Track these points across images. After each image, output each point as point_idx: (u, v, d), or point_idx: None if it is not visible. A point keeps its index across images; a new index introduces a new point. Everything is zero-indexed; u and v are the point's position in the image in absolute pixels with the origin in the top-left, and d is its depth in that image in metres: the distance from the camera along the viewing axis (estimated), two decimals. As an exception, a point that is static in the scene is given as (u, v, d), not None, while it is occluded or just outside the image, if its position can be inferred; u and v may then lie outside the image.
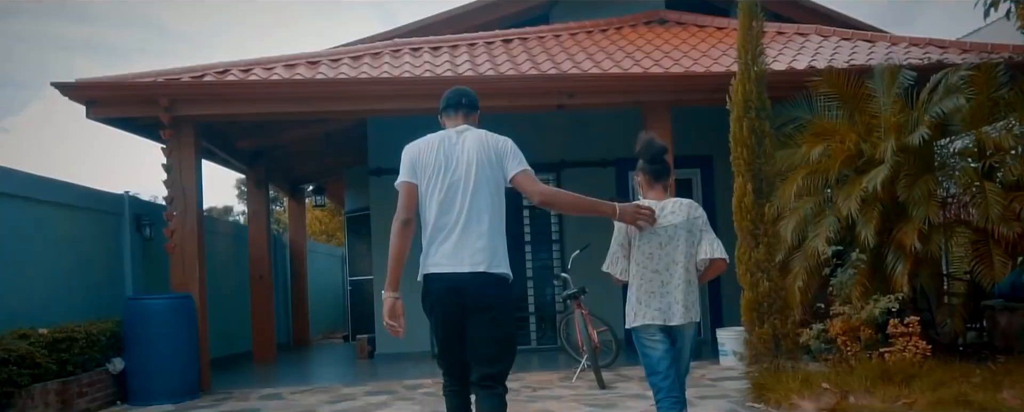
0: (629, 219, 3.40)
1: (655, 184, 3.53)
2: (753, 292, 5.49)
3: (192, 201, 7.26)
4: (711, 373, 6.91)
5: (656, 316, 3.38)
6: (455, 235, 3.28)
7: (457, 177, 3.31)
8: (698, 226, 3.47)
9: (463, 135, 3.39)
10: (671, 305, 3.37)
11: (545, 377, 7.14)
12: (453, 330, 3.32)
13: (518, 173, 3.33)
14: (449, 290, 3.27)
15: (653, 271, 3.40)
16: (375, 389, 6.88)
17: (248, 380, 7.92)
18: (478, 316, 3.27)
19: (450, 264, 3.28)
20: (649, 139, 3.55)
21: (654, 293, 3.39)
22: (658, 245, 3.41)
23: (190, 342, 6.90)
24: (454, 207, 3.30)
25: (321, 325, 14.66)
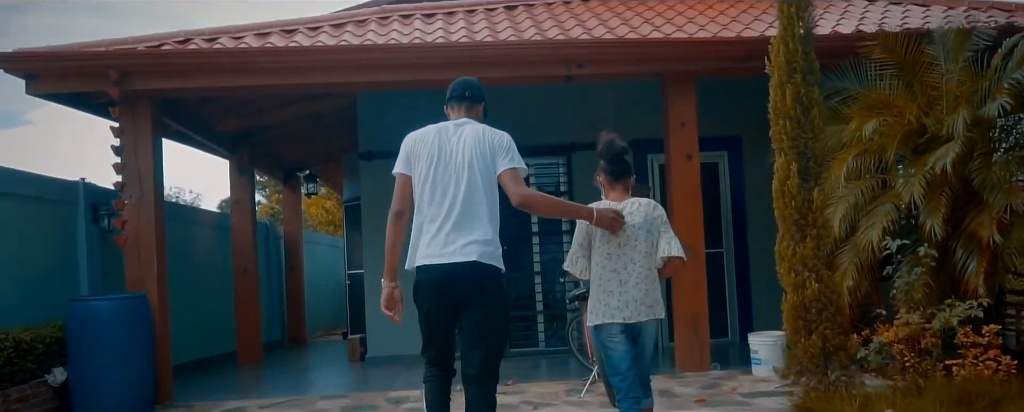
0: (606, 224, 3.44)
1: (615, 184, 3.60)
2: (798, 295, 4.51)
3: (149, 187, 6.38)
4: (743, 386, 5.94)
5: (615, 314, 3.43)
6: (447, 227, 3.30)
7: (451, 169, 3.32)
8: (657, 226, 3.54)
9: (462, 128, 3.41)
10: (629, 303, 3.43)
11: (550, 388, 6.20)
12: (442, 321, 3.34)
13: (505, 170, 3.33)
14: (441, 281, 3.28)
15: (612, 270, 3.46)
16: (354, 403, 5.98)
17: (217, 389, 7.05)
18: (470, 308, 3.30)
19: (442, 255, 3.29)
20: (610, 139, 3.61)
21: (613, 292, 3.45)
22: (617, 245, 3.47)
23: (144, 348, 6.03)
24: (447, 199, 3.31)
25: (323, 321, 13.82)
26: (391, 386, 6.72)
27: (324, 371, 8.25)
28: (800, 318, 4.53)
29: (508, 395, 6.03)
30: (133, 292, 6.24)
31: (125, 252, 6.37)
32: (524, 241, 8.63)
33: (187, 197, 26.10)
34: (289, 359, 9.63)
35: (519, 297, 8.66)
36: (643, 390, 3.52)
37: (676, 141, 6.79)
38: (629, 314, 3.42)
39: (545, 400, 5.77)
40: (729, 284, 8.80)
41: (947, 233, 5.23)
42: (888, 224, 5.40)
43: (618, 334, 3.44)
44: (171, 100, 7.07)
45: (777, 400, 5.31)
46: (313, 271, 13.48)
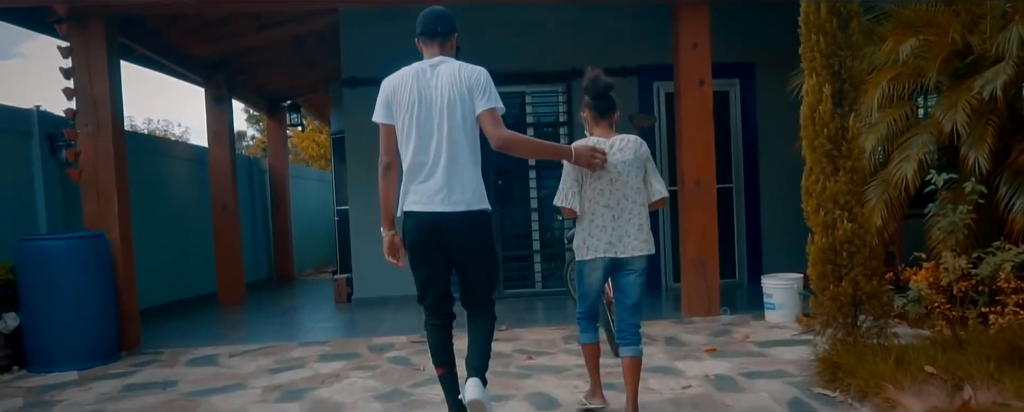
0: (584, 162, 3.45)
1: (601, 121, 3.59)
2: (828, 236, 3.97)
3: (106, 115, 5.78)
4: (756, 333, 5.46)
5: (607, 249, 3.47)
6: (432, 174, 3.29)
7: (432, 114, 3.30)
8: (643, 161, 3.57)
9: (437, 69, 3.36)
10: (622, 238, 3.47)
11: (547, 335, 5.73)
12: (435, 266, 3.36)
13: (484, 111, 3.31)
14: (430, 228, 3.29)
15: (605, 206, 3.48)
16: (334, 350, 5.52)
17: (192, 333, 6.59)
18: (462, 253, 3.36)
19: (430, 203, 3.29)
20: (595, 75, 3.57)
21: (606, 227, 3.48)
22: (609, 181, 3.50)
23: (104, 292, 5.54)
24: (430, 145, 3.30)
25: (313, 258, 13.36)
26: (375, 331, 6.25)
27: (307, 313, 7.79)
28: (829, 262, 4.00)
29: (501, 342, 5.55)
30: (91, 231, 5.71)
31: (82, 187, 5.81)
32: (520, 176, 8.08)
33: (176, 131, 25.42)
34: (273, 300, 9.18)
35: (514, 236, 8.15)
36: (632, 337, 3.52)
37: (686, 65, 6.16)
38: (622, 249, 3.47)
39: (541, 348, 5.29)
40: (738, 222, 8.28)
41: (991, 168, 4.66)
42: (924, 157, 4.84)
43: (600, 269, 3.51)
44: (131, 18, 6.42)
45: (795, 350, 4.83)
46: (302, 207, 12.96)
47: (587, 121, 3.64)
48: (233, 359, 5.40)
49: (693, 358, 4.78)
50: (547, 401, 3.97)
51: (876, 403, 3.52)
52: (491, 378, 4.43)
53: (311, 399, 4.22)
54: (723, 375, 4.32)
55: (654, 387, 4.15)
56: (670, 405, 3.80)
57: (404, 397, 4.18)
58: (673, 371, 4.48)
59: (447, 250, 3.33)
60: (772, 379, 4.19)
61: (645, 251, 3.51)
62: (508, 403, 3.97)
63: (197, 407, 4.18)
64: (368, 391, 4.33)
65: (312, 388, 4.46)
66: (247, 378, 4.79)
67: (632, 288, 3.52)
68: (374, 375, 4.71)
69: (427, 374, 4.61)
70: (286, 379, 4.72)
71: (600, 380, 3.75)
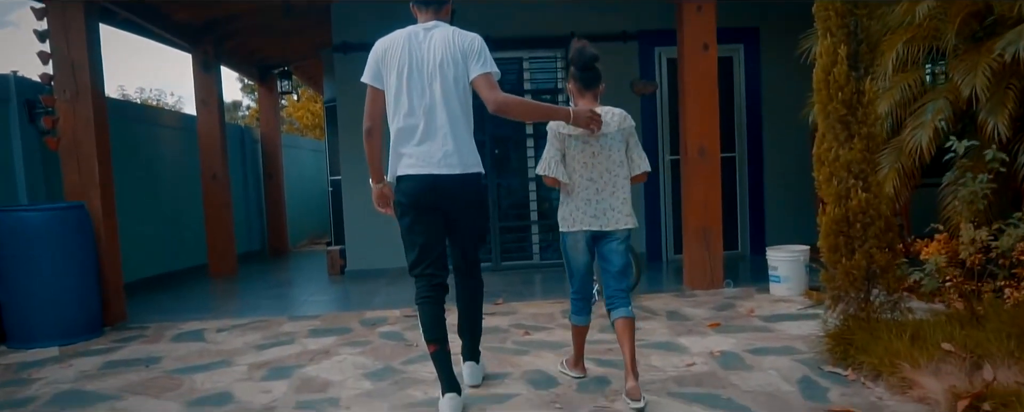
0: (584, 123, 3.41)
1: (586, 92, 3.54)
2: (841, 207, 3.76)
3: (85, 80, 5.53)
4: (761, 307, 5.28)
5: (591, 222, 3.46)
6: (427, 136, 3.27)
7: (424, 77, 3.28)
8: (627, 136, 3.54)
9: (431, 33, 3.33)
10: (606, 211, 3.46)
11: (544, 309, 5.55)
12: (432, 230, 3.34)
13: (479, 75, 3.28)
14: (424, 191, 3.27)
15: (588, 179, 3.47)
16: (325, 325, 5.34)
17: (180, 307, 6.41)
18: (456, 216, 3.37)
19: (427, 165, 3.26)
20: (580, 47, 3.52)
21: (590, 200, 3.47)
22: (592, 154, 3.48)
23: (85, 264, 5.34)
24: (422, 107, 3.27)
25: (307, 230, 13.17)
26: (369, 304, 6.07)
27: (300, 286, 7.61)
28: (841, 234, 3.79)
29: (497, 316, 5.39)
30: (71, 201, 5.50)
31: (61, 156, 5.59)
32: (518, 145, 7.85)
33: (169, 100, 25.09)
34: (266, 272, 8.99)
35: (511, 206, 7.94)
36: (623, 300, 3.47)
37: (690, 27, 5.90)
38: (605, 222, 3.46)
39: (538, 323, 5.11)
40: (741, 193, 8.07)
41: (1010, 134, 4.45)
42: (940, 123, 4.62)
43: (582, 243, 3.49)
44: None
45: (803, 325, 4.66)
46: (296, 177, 12.74)
47: (572, 92, 3.59)
48: (220, 334, 5.22)
49: (696, 333, 4.61)
50: (545, 379, 3.79)
51: (891, 383, 3.34)
52: (487, 354, 4.28)
53: (299, 377, 4.04)
54: (728, 351, 4.14)
55: (656, 364, 3.97)
56: (674, 384, 3.62)
57: (395, 375, 4.00)
58: (676, 347, 4.30)
59: (440, 213, 3.33)
60: (780, 356, 4.01)
61: (628, 225, 3.49)
62: (504, 381, 3.79)
63: (179, 385, 4.00)
64: (359, 368, 4.16)
65: (300, 365, 4.28)
66: (233, 354, 4.62)
67: (616, 254, 3.49)
68: (365, 351, 4.54)
69: (419, 350, 4.43)
70: (274, 355, 4.54)
71: (584, 353, 3.79)
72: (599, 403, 3.39)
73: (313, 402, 3.59)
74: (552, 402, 3.44)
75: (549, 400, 3.47)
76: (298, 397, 3.69)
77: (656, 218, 7.94)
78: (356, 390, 3.76)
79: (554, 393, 3.57)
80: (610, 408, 3.31)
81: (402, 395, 3.64)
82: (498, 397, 3.54)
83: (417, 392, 3.67)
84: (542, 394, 3.56)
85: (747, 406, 3.26)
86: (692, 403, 3.33)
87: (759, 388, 3.50)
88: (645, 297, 5.82)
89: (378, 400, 3.58)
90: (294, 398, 3.68)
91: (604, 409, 3.30)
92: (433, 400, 3.49)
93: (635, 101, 7.76)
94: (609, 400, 3.42)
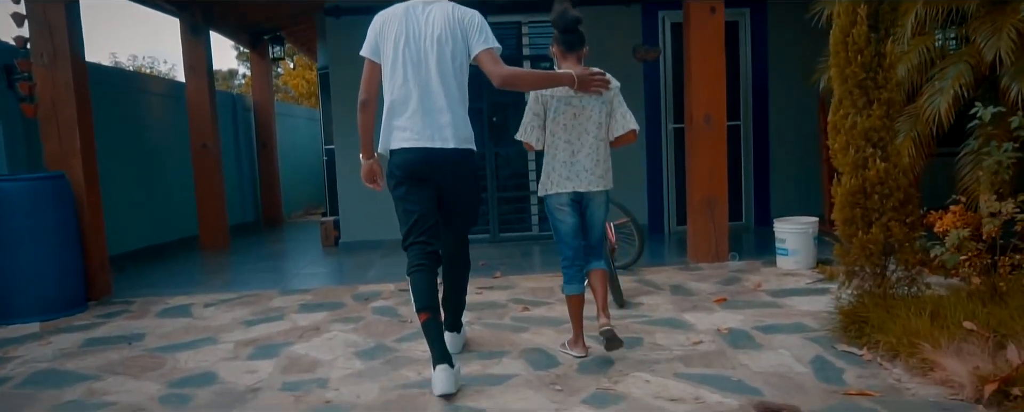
0: (588, 86, 3.39)
1: (569, 55, 3.51)
2: (857, 177, 3.55)
3: (64, 44, 5.29)
4: (768, 281, 5.09)
5: (566, 185, 3.46)
6: (420, 109, 3.26)
7: (421, 51, 3.26)
8: (610, 98, 3.51)
9: (430, 7, 3.32)
10: (580, 173, 3.45)
11: (543, 282, 5.36)
12: (426, 202, 3.31)
13: (482, 51, 3.28)
14: (418, 165, 3.25)
15: (566, 141, 3.46)
16: (316, 300, 5.16)
17: (166, 281, 6.22)
18: (448, 191, 3.35)
19: (418, 139, 3.25)
20: (563, 9, 3.47)
21: (566, 162, 3.46)
22: (572, 115, 3.46)
23: (66, 237, 5.14)
24: (418, 80, 3.26)
25: (302, 200, 12.95)
26: (362, 278, 5.89)
27: (292, 259, 7.42)
28: (857, 206, 3.59)
29: (495, 290, 5.21)
30: (50, 171, 5.28)
31: (40, 124, 5.36)
32: (516, 112, 7.57)
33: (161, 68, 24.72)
34: (258, 244, 8.80)
35: (510, 176, 7.72)
36: (594, 255, 3.55)
37: (698, -10, 5.65)
38: (578, 184, 3.44)
39: (537, 298, 4.93)
40: (746, 162, 7.85)
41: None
42: (959, 89, 4.39)
43: (566, 205, 3.47)
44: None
45: (813, 301, 4.47)
46: (290, 146, 12.49)
47: (556, 56, 3.55)
48: (208, 309, 5.03)
49: (702, 309, 4.42)
50: (544, 358, 3.61)
51: (911, 364, 3.15)
52: (485, 331, 4.11)
53: (286, 355, 3.86)
54: (736, 329, 3.96)
55: (661, 342, 3.79)
56: (680, 363, 3.44)
57: (388, 353, 3.82)
58: (681, 324, 4.12)
59: (433, 187, 3.31)
60: (790, 334, 3.82)
61: (601, 186, 3.47)
62: (502, 360, 3.61)
63: (161, 364, 3.82)
64: (349, 346, 3.97)
65: (289, 343, 4.09)
66: (220, 331, 4.43)
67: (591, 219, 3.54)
68: (357, 328, 4.35)
69: (413, 327, 4.25)
70: (262, 332, 4.36)
71: (583, 330, 3.57)
72: (602, 384, 3.21)
73: (300, 383, 3.41)
74: (552, 383, 3.26)
75: (549, 381, 3.28)
76: (285, 377, 3.51)
77: (658, 189, 7.73)
78: (346, 370, 3.58)
79: (554, 374, 3.39)
80: (613, 390, 3.13)
81: (394, 375, 3.46)
82: (495, 378, 3.36)
83: (410, 372, 3.49)
84: (541, 375, 3.38)
85: (758, 388, 3.08)
86: (700, 384, 3.15)
87: (770, 368, 3.32)
88: (648, 271, 5.63)
89: (368, 381, 3.40)
90: (280, 378, 3.49)
91: (607, 391, 3.12)
92: (426, 381, 3.31)
93: (637, 67, 7.51)
94: (612, 381, 3.24)
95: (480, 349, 3.80)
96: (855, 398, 2.93)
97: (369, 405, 3.09)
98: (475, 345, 3.88)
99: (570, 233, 3.49)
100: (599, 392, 3.12)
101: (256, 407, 3.14)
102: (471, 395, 3.14)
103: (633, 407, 2.93)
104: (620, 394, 3.08)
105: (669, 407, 2.92)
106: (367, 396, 3.20)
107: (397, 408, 3.04)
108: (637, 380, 3.24)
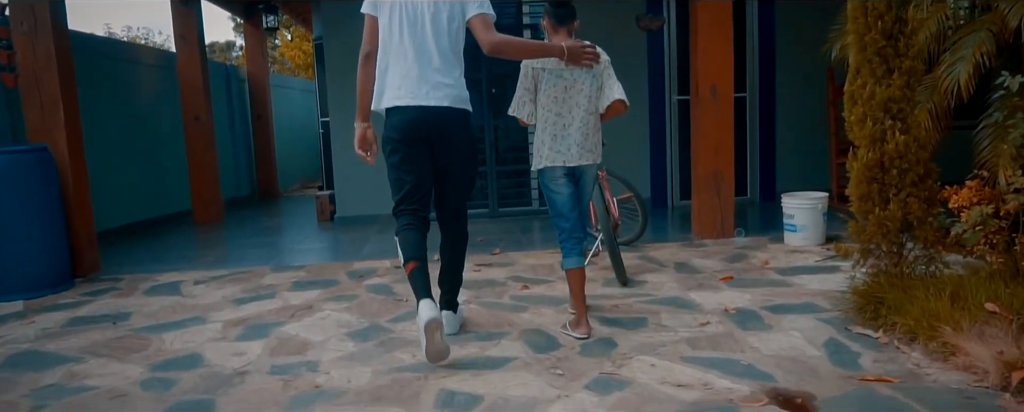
0: (578, 59, 3.38)
1: (559, 28, 3.52)
2: (875, 150, 3.37)
3: (44, 11, 5.08)
4: (776, 259, 4.94)
5: (557, 158, 3.45)
6: (416, 69, 3.22)
7: (418, 11, 3.24)
8: (601, 71, 3.50)
9: None
10: (570, 147, 3.44)
11: (543, 259, 5.21)
12: (422, 165, 3.27)
13: (474, 15, 3.27)
14: (414, 124, 3.22)
15: (556, 114, 3.45)
16: (309, 277, 5.00)
17: (157, 257, 6.06)
18: (443, 151, 3.29)
19: (413, 98, 3.21)
20: None
21: (557, 136, 3.46)
22: (563, 89, 3.45)
23: (50, 212, 4.96)
24: (414, 40, 3.23)
25: (298, 173, 12.76)
26: (357, 254, 5.73)
27: (287, 234, 7.25)
28: (875, 181, 3.41)
29: (494, 267, 5.05)
30: (33, 144, 5.10)
31: (21, 94, 5.17)
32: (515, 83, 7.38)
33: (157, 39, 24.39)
34: (253, 218, 8.63)
35: (509, 149, 7.53)
36: (584, 232, 3.56)
37: (705, -45, 5.41)
38: (569, 158, 3.44)
39: (538, 275, 4.78)
40: (751, 135, 7.66)
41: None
42: (981, 57, 4.19)
43: (561, 177, 3.47)
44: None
45: (823, 279, 4.32)
46: (286, 119, 12.28)
47: (546, 29, 3.56)
48: (198, 287, 4.88)
49: (709, 288, 4.27)
50: (544, 340, 3.46)
51: (930, 348, 2.99)
52: (483, 311, 3.96)
53: (276, 336, 3.71)
54: (745, 309, 3.80)
55: (667, 323, 3.63)
56: (687, 346, 3.29)
57: (382, 334, 3.67)
58: (687, 304, 3.96)
59: (428, 147, 3.26)
60: (801, 314, 3.67)
61: (590, 160, 3.48)
62: (500, 342, 3.46)
63: (146, 345, 3.67)
64: (342, 326, 3.82)
65: (279, 323, 3.94)
66: (209, 310, 4.28)
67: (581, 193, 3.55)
68: (350, 307, 4.20)
69: (409, 306, 4.10)
70: (252, 311, 4.21)
71: (585, 309, 3.51)
72: (605, 368, 3.06)
73: (289, 366, 3.26)
74: (553, 367, 3.10)
75: (549, 365, 3.13)
76: (273, 360, 3.36)
77: (661, 162, 7.55)
78: (338, 352, 3.43)
79: (555, 357, 3.24)
80: (617, 375, 2.98)
81: (388, 358, 3.31)
82: (494, 361, 3.21)
83: (404, 355, 3.34)
84: (542, 357, 3.22)
85: (770, 373, 2.93)
86: (708, 369, 3.00)
87: (782, 352, 3.17)
88: (652, 247, 5.47)
89: (360, 364, 3.25)
90: (269, 361, 3.34)
91: (611, 376, 2.97)
92: (420, 364, 3.17)
93: (641, 37, 7.28)
94: (616, 365, 3.09)
95: (478, 330, 3.65)
96: (873, 384, 2.77)
97: (360, 390, 2.94)
98: (472, 325, 3.72)
99: (567, 205, 3.47)
100: (602, 377, 2.96)
101: (242, 393, 2.99)
102: (468, 379, 2.99)
103: (638, 394, 2.78)
104: (624, 379, 2.93)
105: (676, 394, 2.76)
106: (358, 380, 3.05)
107: (389, 394, 2.89)
108: (642, 364, 3.09)
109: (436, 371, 3.09)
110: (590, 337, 3.43)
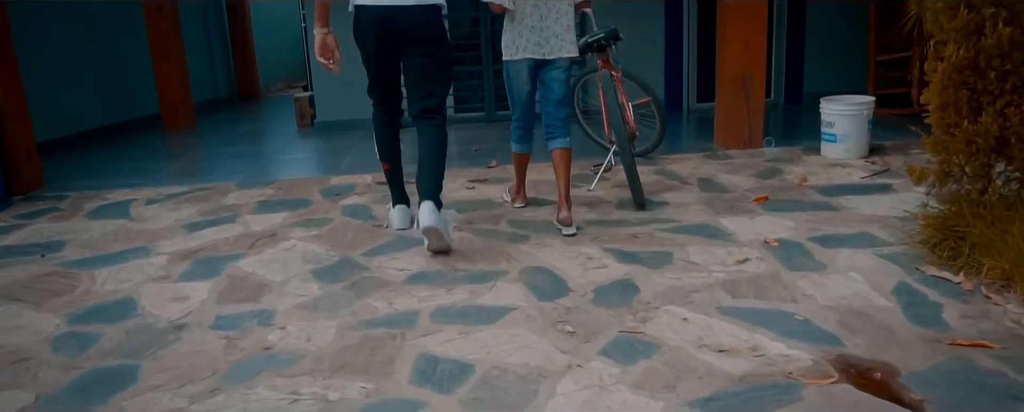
0: None
1: None
2: (967, 47, 2.65)
3: None
4: (815, 174, 4.29)
5: (535, 50, 3.40)
6: None
7: None
8: None
9: None
10: (549, 39, 3.40)
11: (545, 174, 4.54)
12: (386, 61, 3.26)
13: None
14: (382, 21, 3.15)
15: (534, 5, 3.37)
16: (278, 195, 4.38)
17: (111, 170, 5.41)
18: (413, 48, 3.22)
19: None
20: None
21: (534, 27, 3.38)
22: None
23: (-25, 122, 4.29)
24: None
25: (282, 72, 11.95)
26: (335, 168, 5.09)
27: (261, 141, 6.57)
28: (964, 86, 2.72)
29: (489, 184, 4.43)
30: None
31: (-69, -19, 4.39)
32: None
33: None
34: (229, 122, 7.92)
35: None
36: (561, 130, 3.51)
37: None
38: (549, 50, 3.40)
39: (539, 194, 4.14)
40: (777, 31, 6.86)
41: None
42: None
43: (525, 70, 3.43)
44: None
45: (876, 202, 3.68)
46: (267, 14, 11.36)
47: None
48: (149, 207, 4.26)
49: (741, 212, 3.64)
50: (550, 283, 2.85)
51: (1037, 301, 2.40)
52: (476, 240, 3.35)
53: (228, 275, 3.11)
54: (788, 241, 3.18)
55: (697, 260, 3.02)
56: (724, 292, 2.68)
57: (354, 272, 3.06)
58: (719, 233, 3.34)
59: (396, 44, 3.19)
60: (858, 249, 3.05)
61: (570, 53, 3.43)
62: (496, 284, 2.85)
63: (73, 287, 3.07)
64: (308, 261, 3.21)
65: (235, 256, 3.33)
66: (156, 238, 3.67)
67: (556, 83, 3.46)
68: (321, 234, 3.58)
69: (388, 234, 3.49)
70: (206, 240, 3.60)
71: (525, 182, 3.90)
72: (626, 323, 2.46)
73: (237, 317, 2.67)
74: (560, 320, 2.51)
75: (557, 318, 2.53)
76: (220, 308, 2.76)
77: (678, 62, 6.79)
78: (298, 297, 2.83)
79: (563, 306, 2.63)
80: (641, 333, 2.38)
81: (358, 307, 2.70)
82: (487, 312, 2.60)
83: (378, 302, 2.74)
84: (547, 307, 2.62)
85: (834, 334, 2.33)
86: (755, 327, 2.40)
87: (843, 301, 2.56)
88: (671, 159, 4.82)
89: (325, 316, 2.65)
90: (214, 310, 2.75)
91: (634, 335, 2.38)
92: (396, 315, 2.58)
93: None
94: (639, 319, 2.49)
95: (470, 267, 3.04)
96: (969, 352, 2.18)
97: (320, 354, 2.35)
98: (463, 259, 3.12)
99: (525, 98, 3.49)
100: (623, 336, 2.37)
101: (172, 356, 2.40)
102: (455, 339, 2.40)
103: (669, 363, 2.19)
104: (651, 340, 2.33)
105: (718, 363, 2.17)
106: (320, 339, 2.46)
107: (356, 359, 2.30)
108: (671, 318, 2.49)
109: (415, 327, 2.50)
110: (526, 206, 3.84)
